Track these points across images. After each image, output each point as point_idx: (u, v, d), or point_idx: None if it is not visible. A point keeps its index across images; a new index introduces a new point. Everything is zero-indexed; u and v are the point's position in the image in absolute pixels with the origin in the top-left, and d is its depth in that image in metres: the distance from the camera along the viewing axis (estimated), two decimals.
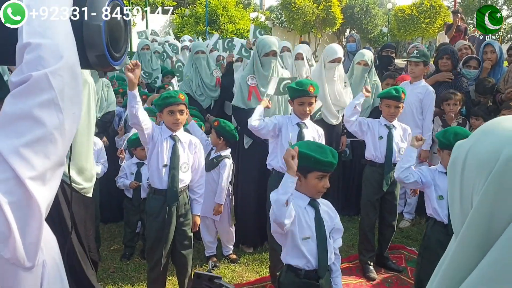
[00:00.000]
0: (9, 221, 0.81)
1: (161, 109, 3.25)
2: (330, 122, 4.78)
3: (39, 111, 0.85)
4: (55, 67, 0.87)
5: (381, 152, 3.95)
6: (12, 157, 0.82)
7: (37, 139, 0.85)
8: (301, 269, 2.45)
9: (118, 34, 1.09)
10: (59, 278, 1.05)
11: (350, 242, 4.61)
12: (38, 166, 0.85)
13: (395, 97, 3.87)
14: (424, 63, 4.84)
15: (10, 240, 0.82)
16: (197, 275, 1.38)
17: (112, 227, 4.94)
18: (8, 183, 0.82)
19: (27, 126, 0.84)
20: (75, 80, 0.92)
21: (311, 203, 2.49)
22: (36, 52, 0.86)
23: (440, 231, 3.02)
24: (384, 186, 3.93)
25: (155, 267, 3.33)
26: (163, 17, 25.94)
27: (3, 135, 0.84)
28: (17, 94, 0.85)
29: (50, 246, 1.03)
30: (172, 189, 3.23)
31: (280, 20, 30.69)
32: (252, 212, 4.32)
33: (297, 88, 3.54)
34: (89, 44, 0.99)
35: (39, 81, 0.85)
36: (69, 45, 0.92)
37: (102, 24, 1.00)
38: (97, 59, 1.03)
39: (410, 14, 27.81)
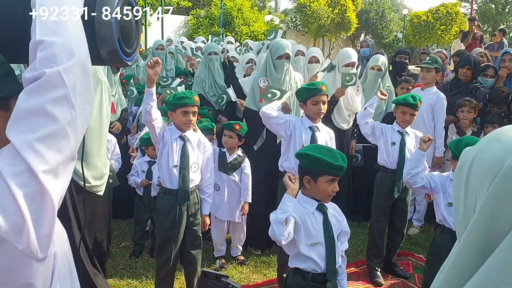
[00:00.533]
0: (24, 213, 0.83)
1: (174, 108, 3.26)
2: (340, 127, 4.78)
3: (52, 107, 0.88)
4: (68, 64, 0.89)
5: (393, 158, 3.94)
6: (26, 151, 0.85)
7: (50, 134, 0.88)
8: (309, 272, 2.46)
9: (129, 30, 1.10)
10: (68, 269, 1.08)
11: (358, 247, 4.60)
12: (51, 160, 0.87)
13: (412, 104, 3.84)
14: (436, 70, 4.81)
15: (24, 231, 0.84)
16: (204, 273, 1.40)
17: (122, 224, 4.98)
18: (22, 176, 0.84)
19: (41, 121, 0.87)
20: (87, 77, 0.94)
21: (319, 208, 2.50)
22: (49, 49, 0.89)
23: (449, 239, 3.01)
24: (396, 192, 3.92)
25: (163, 265, 3.36)
26: (178, 18, 26.09)
27: (17, 130, 0.86)
28: (31, 91, 0.88)
29: (61, 239, 1.06)
30: (183, 189, 3.26)
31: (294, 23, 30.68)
32: (260, 214, 4.33)
33: (309, 88, 3.55)
34: (101, 40, 1.01)
35: (52, 78, 0.88)
36: (81, 43, 0.94)
37: (113, 20, 1.02)
38: (109, 55, 1.04)
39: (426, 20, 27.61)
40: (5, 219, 0.83)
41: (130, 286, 3.76)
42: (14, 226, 0.83)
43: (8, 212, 0.83)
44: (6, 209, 0.83)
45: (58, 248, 1.01)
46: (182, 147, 3.29)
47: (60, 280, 1.01)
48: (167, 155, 3.27)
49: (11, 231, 0.83)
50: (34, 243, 0.86)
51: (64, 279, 1.04)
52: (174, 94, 3.35)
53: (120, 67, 1.14)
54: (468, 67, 5.03)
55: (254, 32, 23.41)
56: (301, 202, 2.51)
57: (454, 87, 5.17)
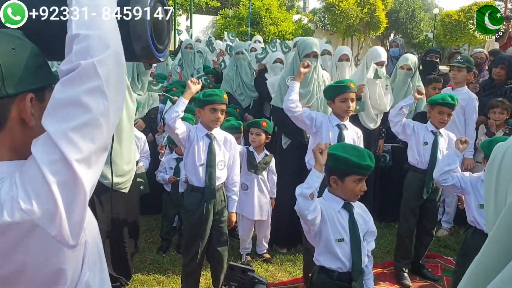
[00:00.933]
0: (57, 200, 0.86)
1: (203, 105, 3.28)
2: (367, 126, 4.73)
3: (86, 97, 0.90)
4: (102, 56, 0.92)
5: (425, 158, 3.87)
6: (61, 140, 0.87)
7: (84, 124, 0.90)
8: (334, 271, 2.44)
9: (161, 27, 1.13)
10: (98, 258, 1.11)
11: (385, 248, 4.55)
12: (85, 149, 0.90)
13: (450, 104, 3.76)
14: (468, 69, 4.71)
15: (57, 218, 0.87)
16: (231, 267, 1.42)
17: (150, 220, 5.06)
18: (56, 164, 0.87)
19: (75, 111, 0.90)
20: (120, 69, 0.97)
21: (345, 206, 2.48)
22: (85, 42, 0.92)
23: (480, 240, 2.94)
24: (425, 193, 3.85)
25: (190, 262, 3.40)
26: (207, 18, 26.30)
27: (53, 120, 0.89)
28: (66, 82, 0.91)
29: (91, 227, 1.08)
30: (209, 187, 3.29)
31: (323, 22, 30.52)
32: (287, 213, 4.33)
33: (338, 85, 3.54)
34: (135, 37, 1.04)
35: (87, 69, 0.91)
36: (114, 36, 0.97)
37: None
38: (142, 51, 1.07)
39: (457, 19, 27.05)
40: (39, 206, 0.86)
41: (157, 281, 3.82)
42: (47, 212, 0.86)
43: (42, 198, 0.86)
44: (40, 196, 0.86)
45: (88, 237, 1.03)
46: (208, 145, 3.31)
47: (90, 269, 1.03)
48: (194, 154, 3.29)
49: (44, 217, 0.86)
50: (66, 230, 0.89)
51: (93, 268, 1.06)
52: (204, 91, 3.39)
53: (153, 63, 1.17)
54: (502, 66, 4.91)
55: (282, 31, 23.40)
56: (327, 200, 2.50)
57: (487, 87, 5.06)
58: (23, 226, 0.86)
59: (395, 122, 3.93)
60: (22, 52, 0.97)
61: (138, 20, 1.04)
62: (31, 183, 0.87)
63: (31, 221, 0.85)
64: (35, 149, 0.89)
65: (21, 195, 0.86)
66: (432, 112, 3.92)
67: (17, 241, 0.87)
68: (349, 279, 2.44)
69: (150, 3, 1.06)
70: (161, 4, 1.12)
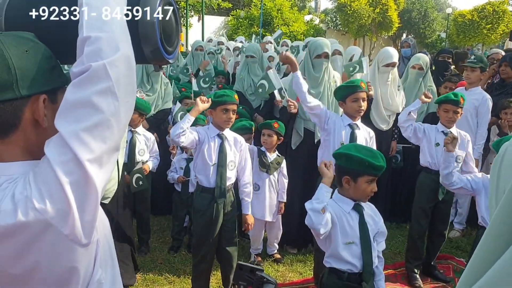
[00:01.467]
0: (69, 199, 0.88)
1: (214, 106, 3.30)
2: (380, 127, 4.70)
3: (97, 98, 0.92)
4: (113, 58, 0.94)
5: (438, 159, 3.82)
6: (73, 140, 0.89)
7: (95, 125, 0.92)
8: (344, 272, 2.45)
9: (170, 29, 1.14)
10: (109, 256, 1.12)
11: (396, 249, 4.53)
12: (96, 150, 0.92)
13: (453, 101, 3.75)
14: (481, 69, 4.66)
15: (70, 217, 0.89)
16: (240, 266, 1.43)
17: (161, 220, 5.10)
18: (68, 165, 0.89)
19: (87, 112, 0.91)
20: (130, 71, 0.98)
21: (356, 208, 2.48)
22: (96, 44, 0.93)
23: None
24: (440, 194, 3.81)
25: (200, 262, 3.41)
26: (219, 19, 26.37)
27: (65, 121, 0.91)
28: (78, 83, 0.93)
29: (103, 226, 1.10)
30: (220, 187, 3.30)
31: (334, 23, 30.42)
32: (297, 213, 4.33)
33: (349, 85, 3.54)
34: (144, 39, 1.05)
35: (98, 70, 0.92)
36: (125, 38, 0.98)
37: (156, 20, 1.06)
38: (152, 54, 1.08)
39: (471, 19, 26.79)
40: (52, 205, 0.87)
41: (168, 280, 3.84)
42: (60, 211, 0.88)
43: (55, 198, 0.88)
44: (53, 196, 0.88)
45: (100, 235, 1.05)
46: (220, 145, 3.33)
47: (102, 267, 1.05)
48: (204, 154, 3.30)
49: (58, 217, 0.88)
50: (78, 229, 0.91)
51: (105, 266, 1.07)
52: (215, 92, 3.41)
53: (162, 65, 1.18)
54: (505, 63, 4.89)
55: (294, 32, 23.36)
56: (337, 201, 2.50)
57: (498, 87, 5.01)
58: (37, 225, 0.87)
59: (405, 127, 3.92)
60: (35, 54, 0.99)
61: (147, 22, 1.05)
62: (45, 183, 0.89)
63: (44, 221, 0.87)
64: (48, 150, 0.91)
65: (35, 194, 0.88)
66: (439, 111, 3.91)
67: (31, 240, 0.89)
68: (359, 280, 2.44)
69: (159, 5, 1.07)
70: (169, 5, 1.13)
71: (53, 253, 0.91)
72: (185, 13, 16.95)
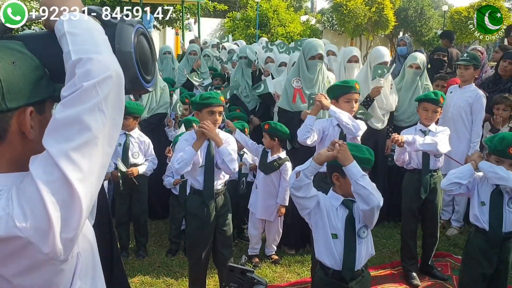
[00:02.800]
0: (51, 219, 0.88)
1: (200, 108, 3.30)
2: (374, 126, 4.72)
3: (86, 116, 0.92)
4: (103, 76, 0.95)
5: (418, 158, 3.85)
6: (62, 160, 0.89)
7: (84, 143, 0.92)
8: (330, 268, 2.47)
9: (146, 58, 1.16)
10: (91, 267, 1.12)
11: (394, 248, 4.54)
12: (85, 168, 0.92)
13: (433, 100, 3.77)
14: (474, 67, 4.67)
15: (50, 236, 0.88)
16: (230, 268, 1.44)
17: (159, 223, 5.11)
18: (54, 184, 0.89)
19: (76, 130, 0.92)
20: (119, 88, 1.00)
21: (345, 204, 2.49)
22: (87, 66, 0.94)
23: (482, 238, 2.95)
24: (422, 193, 3.81)
25: (195, 265, 3.42)
26: (215, 21, 26.36)
27: (54, 140, 0.91)
28: (68, 102, 0.93)
29: (86, 238, 1.10)
30: (208, 187, 3.31)
31: (331, 23, 30.41)
32: (295, 214, 4.33)
33: (343, 85, 3.55)
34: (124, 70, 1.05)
35: (88, 89, 0.93)
36: (113, 57, 1.00)
37: (132, 50, 1.08)
38: (131, 83, 1.09)
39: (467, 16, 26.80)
40: (33, 224, 0.87)
41: (166, 283, 3.85)
42: (41, 231, 0.88)
43: (37, 217, 0.87)
44: (35, 215, 0.88)
45: (82, 248, 1.05)
46: (207, 146, 3.33)
47: (81, 278, 1.04)
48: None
49: (38, 236, 0.88)
50: (58, 247, 0.90)
51: (84, 277, 1.07)
52: (201, 94, 3.41)
53: (141, 94, 1.18)
54: (510, 61, 4.87)
55: (290, 33, 23.36)
56: (330, 197, 2.55)
57: (492, 84, 5.02)
58: (17, 243, 0.88)
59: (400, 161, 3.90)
60: (22, 65, 0.99)
61: (124, 53, 1.07)
62: (28, 201, 0.88)
63: (25, 238, 0.87)
64: (33, 168, 0.91)
65: (16, 212, 0.88)
66: (419, 110, 3.91)
67: (9, 256, 0.89)
68: (344, 278, 2.44)
69: (134, 40, 1.09)
70: (144, 36, 1.15)
71: (31, 269, 0.91)
72: (181, 16, 16.92)
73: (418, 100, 3.94)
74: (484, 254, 2.96)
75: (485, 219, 2.92)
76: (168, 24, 20.55)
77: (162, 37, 23.74)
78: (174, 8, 17.78)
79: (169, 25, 21.10)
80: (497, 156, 2.88)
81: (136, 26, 1.12)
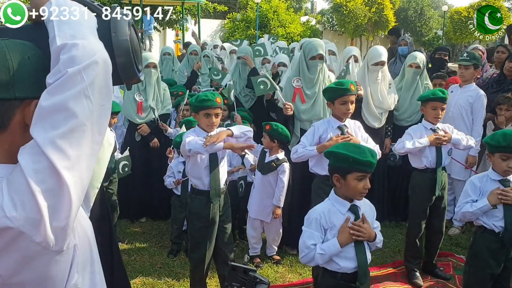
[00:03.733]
0: (41, 208, 0.88)
1: (197, 110, 3.30)
2: (372, 125, 4.72)
3: (72, 102, 0.92)
4: (89, 61, 0.94)
5: (432, 157, 3.81)
6: (48, 148, 0.89)
7: (71, 130, 0.92)
8: (338, 273, 2.46)
9: (137, 47, 1.17)
10: (89, 260, 1.12)
11: (396, 247, 4.53)
12: (72, 156, 0.91)
13: (442, 98, 3.73)
14: (475, 66, 4.66)
15: (41, 225, 0.88)
16: (233, 267, 1.43)
17: (160, 224, 5.10)
18: (42, 173, 0.89)
19: (62, 118, 0.91)
20: (106, 74, 0.99)
21: (352, 209, 2.48)
22: (72, 51, 0.94)
23: (490, 239, 2.91)
24: (437, 190, 3.80)
25: (198, 265, 3.41)
26: (215, 22, 26.39)
27: (41, 128, 0.91)
28: (53, 89, 0.92)
29: (83, 230, 1.10)
30: (214, 186, 3.31)
31: (331, 23, 30.44)
32: (296, 214, 4.33)
33: (338, 87, 3.51)
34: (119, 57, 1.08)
35: (73, 75, 0.92)
36: (99, 43, 1.00)
37: (128, 38, 1.09)
38: (125, 71, 1.11)
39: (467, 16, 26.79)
40: (23, 214, 0.87)
41: (168, 284, 3.84)
42: (31, 220, 0.88)
43: (27, 207, 0.87)
44: (25, 204, 0.88)
45: (79, 240, 1.04)
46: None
47: (79, 272, 1.04)
48: (196, 157, 3.30)
49: (29, 225, 0.88)
50: (50, 236, 0.90)
51: (82, 271, 1.07)
52: (197, 95, 3.40)
53: (133, 83, 1.19)
54: None
55: (290, 33, 23.38)
56: (334, 202, 2.51)
57: (496, 84, 5.01)
58: (8, 233, 0.88)
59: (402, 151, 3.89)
60: (36, 61, 1.01)
61: (122, 42, 1.08)
62: (17, 192, 0.88)
63: (16, 228, 0.87)
64: (21, 158, 0.91)
65: (7, 203, 0.88)
66: (425, 109, 3.85)
67: (2, 247, 0.89)
68: (353, 279, 2.44)
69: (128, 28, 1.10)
70: (133, 28, 1.16)
71: (25, 259, 0.91)
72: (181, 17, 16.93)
73: (424, 100, 3.85)
74: (493, 255, 2.92)
75: (493, 221, 2.90)
76: (168, 25, 20.58)
77: (162, 38, 23.76)
78: (174, 10, 17.80)
79: (169, 27, 21.14)
80: (502, 153, 2.85)
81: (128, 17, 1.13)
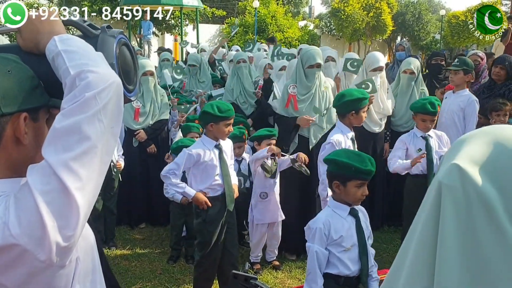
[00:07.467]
0: (47, 229, 0.89)
1: (218, 120, 3.32)
2: (372, 130, 4.76)
3: (86, 125, 0.95)
4: (103, 86, 0.98)
5: (423, 164, 3.90)
6: (61, 169, 0.91)
7: (84, 152, 0.94)
8: (341, 277, 2.48)
9: (128, 68, 1.19)
10: (91, 270, 1.14)
11: (394, 252, 4.52)
12: (84, 177, 0.94)
13: (431, 112, 3.88)
14: (464, 71, 4.68)
15: (46, 244, 0.90)
16: (234, 275, 1.45)
17: (160, 230, 5.12)
18: (51, 194, 0.91)
19: (75, 140, 0.94)
20: (118, 98, 1.03)
21: (351, 212, 2.51)
22: (88, 77, 0.97)
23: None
24: None
25: (206, 271, 3.48)
26: (213, 27, 26.43)
27: (53, 150, 0.93)
28: (68, 112, 0.95)
29: (86, 242, 1.12)
30: (229, 194, 3.40)
31: (329, 28, 30.49)
32: (295, 219, 4.34)
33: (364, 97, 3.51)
34: None
35: (89, 99, 0.96)
36: (111, 69, 1.04)
37: (115, 61, 1.11)
38: None
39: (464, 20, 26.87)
40: (28, 232, 0.89)
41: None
42: (36, 239, 0.90)
43: (32, 226, 0.89)
44: (31, 223, 0.89)
45: (81, 252, 1.06)
46: (219, 155, 3.40)
47: (80, 282, 1.06)
48: (207, 167, 3.37)
49: (34, 244, 0.90)
50: (54, 255, 0.92)
51: (84, 280, 1.08)
52: (215, 105, 3.38)
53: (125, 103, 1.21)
54: (501, 66, 4.89)
55: (288, 38, 23.42)
56: (333, 208, 2.54)
57: (487, 90, 5.04)
58: (15, 249, 0.90)
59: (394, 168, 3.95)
60: (17, 74, 1.02)
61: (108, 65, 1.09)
62: (24, 210, 0.90)
63: (20, 246, 0.89)
64: (30, 178, 0.93)
65: (12, 221, 0.89)
66: (416, 118, 4.01)
67: (7, 264, 0.91)
68: (356, 283, 2.47)
69: (116, 51, 1.12)
70: (126, 46, 1.18)
71: (31, 274, 0.93)
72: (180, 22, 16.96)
73: (416, 111, 3.98)
74: None
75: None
76: (166, 30, 20.61)
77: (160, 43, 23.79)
78: (173, 15, 17.82)
79: (168, 32, 21.17)
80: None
81: (117, 37, 1.14)
